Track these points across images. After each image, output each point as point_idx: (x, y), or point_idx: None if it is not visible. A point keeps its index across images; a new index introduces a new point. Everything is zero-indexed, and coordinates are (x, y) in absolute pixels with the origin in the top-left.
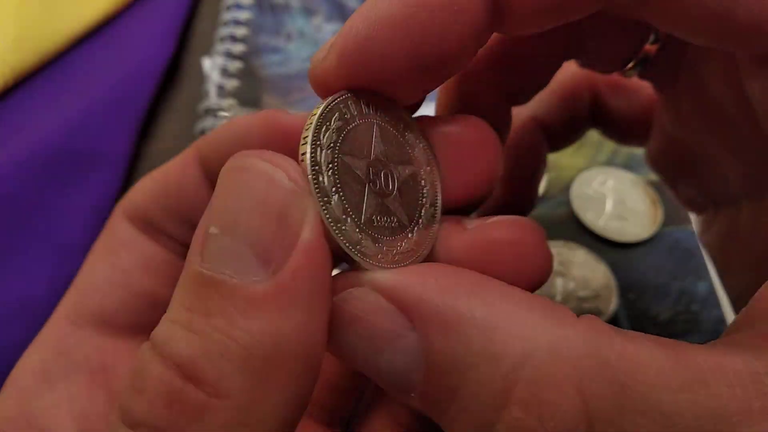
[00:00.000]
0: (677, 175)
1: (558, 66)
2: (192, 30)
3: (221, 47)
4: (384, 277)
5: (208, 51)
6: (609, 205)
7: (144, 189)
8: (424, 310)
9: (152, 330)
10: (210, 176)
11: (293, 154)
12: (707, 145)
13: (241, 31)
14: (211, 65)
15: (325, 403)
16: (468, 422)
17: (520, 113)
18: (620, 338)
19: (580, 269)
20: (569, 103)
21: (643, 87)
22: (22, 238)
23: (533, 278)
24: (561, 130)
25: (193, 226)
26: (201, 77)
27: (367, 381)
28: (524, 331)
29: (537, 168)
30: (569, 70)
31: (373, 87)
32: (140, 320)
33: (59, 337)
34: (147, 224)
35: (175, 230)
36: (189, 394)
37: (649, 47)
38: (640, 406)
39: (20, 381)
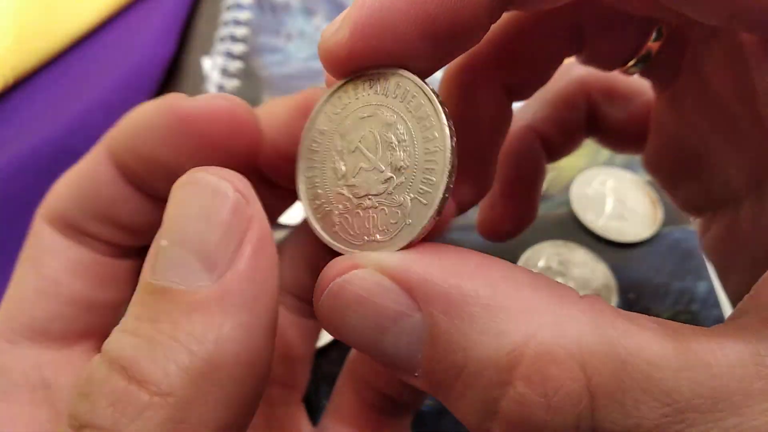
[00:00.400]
0: (677, 177)
1: (560, 62)
2: (192, 30)
3: (221, 47)
4: (388, 257)
5: (208, 51)
6: (609, 205)
7: (60, 191)
8: (429, 290)
9: (92, 335)
10: (123, 170)
11: (196, 138)
12: (709, 143)
13: (241, 31)
14: (211, 65)
15: (280, 378)
16: (473, 399)
17: (517, 123)
18: (622, 318)
19: (579, 269)
20: (565, 112)
21: (637, 93)
22: (22, 239)
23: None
24: (558, 140)
25: (114, 224)
26: (201, 77)
27: (314, 345)
28: (528, 309)
29: (537, 178)
30: (564, 79)
31: (385, 60)
32: (77, 327)
33: None
34: (69, 227)
35: (98, 230)
36: (132, 394)
37: (652, 44)
38: (641, 383)
39: None
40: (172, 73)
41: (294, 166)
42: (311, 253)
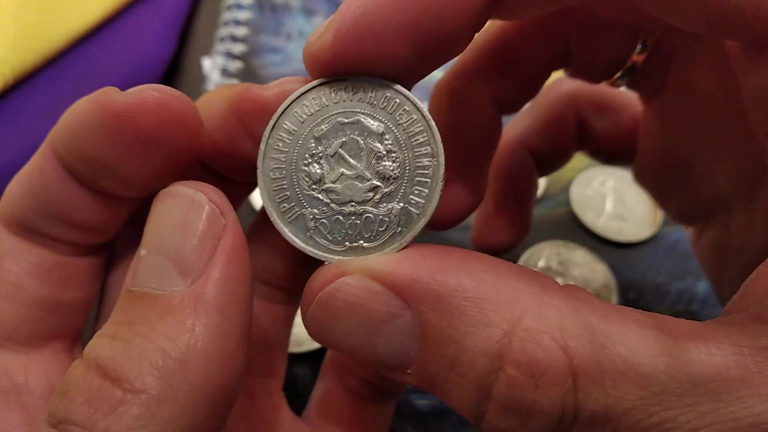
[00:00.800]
0: (667, 188)
1: (547, 75)
2: (192, 30)
3: (221, 47)
4: (375, 262)
5: (208, 51)
6: (609, 205)
7: (12, 194)
8: (418, 289)
9: (60, 336)
10: (68, 168)
11: (128, 133)
12: (698, 151)
13: (241, 31)
14: (211, 65)
15: (257, 367)
16: (467, 387)
17: (507, 138)
18: (603, 306)
19: (579, 269)
20: (555, 126)
21: (625, 106)
22: None
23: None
24: (548, 154)
25: (68, 223)
26: (201, 77)
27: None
28: (512, 298)
29: (529, 191)
30: (553, 94)
31: (368, 65)
32: (44, 329)
33: None
34: (25, 229)
35: (53, 230)
36: (106, 391)
37: (637, 57)
38: (620, 366)
39: None
40: (172, 73)
41: (237, 162)
42: (279, 239)
